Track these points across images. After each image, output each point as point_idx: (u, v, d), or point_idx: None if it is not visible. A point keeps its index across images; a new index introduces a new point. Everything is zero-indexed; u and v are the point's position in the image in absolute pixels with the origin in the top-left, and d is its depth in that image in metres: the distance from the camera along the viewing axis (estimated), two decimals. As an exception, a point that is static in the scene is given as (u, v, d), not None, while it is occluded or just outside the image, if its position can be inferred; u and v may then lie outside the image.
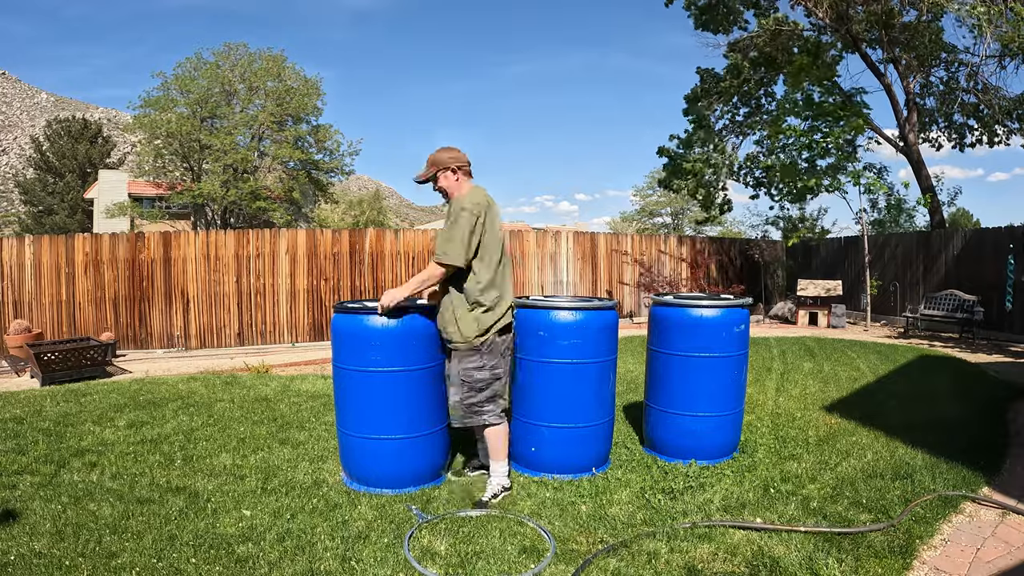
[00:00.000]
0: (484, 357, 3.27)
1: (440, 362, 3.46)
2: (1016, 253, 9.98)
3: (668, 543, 2.79)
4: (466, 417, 3.33)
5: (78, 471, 3.77)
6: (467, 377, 3.28)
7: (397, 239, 11.18)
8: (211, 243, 10.07)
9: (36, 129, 56.61)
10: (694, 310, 3.84)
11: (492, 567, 2.60)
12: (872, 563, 2.62)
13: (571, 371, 3.55)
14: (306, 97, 25.21)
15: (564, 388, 3.57)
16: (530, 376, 3.62)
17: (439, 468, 3.59)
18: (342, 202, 39.50)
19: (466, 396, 3.30)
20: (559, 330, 3.51)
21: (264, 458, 4.02)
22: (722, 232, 34.47)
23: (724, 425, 3.91)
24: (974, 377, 6.81)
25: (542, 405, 3.60)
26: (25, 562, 2.63)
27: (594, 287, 13.07)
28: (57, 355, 6.91)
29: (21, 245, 9.30)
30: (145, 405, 5.49)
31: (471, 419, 3.33)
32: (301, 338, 10.48)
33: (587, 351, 3.55)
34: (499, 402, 3.35)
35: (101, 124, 39.71)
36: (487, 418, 3.32)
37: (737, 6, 14.70)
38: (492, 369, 3.29)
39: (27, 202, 35.19)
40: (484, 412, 3.32)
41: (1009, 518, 3.12)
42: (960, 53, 13.38)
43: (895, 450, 4.09)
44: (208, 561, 2.64)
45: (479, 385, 3.29)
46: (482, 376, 3.28)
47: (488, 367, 3.28)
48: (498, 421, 3.34)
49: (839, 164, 12.21)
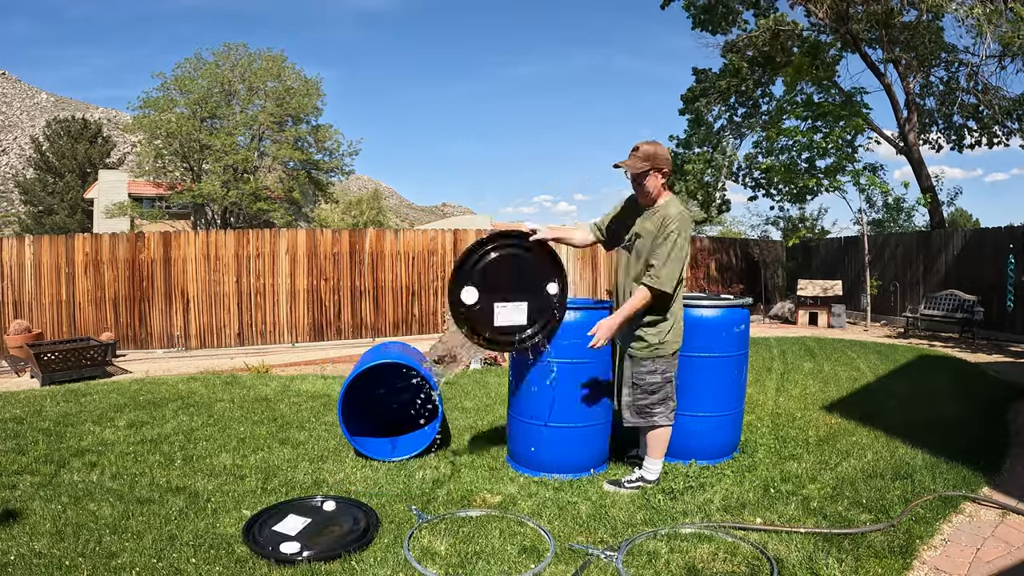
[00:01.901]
0: (657, 362, 3.34)
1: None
2: (1016, 253, 9.98)
3: (668, 543, 2.79)
4: (637, 417, 3.41)
5: (78, 471, 3.77)
6: (640, 380, 3.36)
7: (397, 239, 11.18)
8: (211, 243, 10.07)
9: (36, 129, 56.59)
10: (694, 310, 3.84)
11: (492, 567, 2.59)
12: (872, 563, 2.62)
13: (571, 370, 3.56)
14: (306, 97, 25.19)
15: (566, 389, 3.57)
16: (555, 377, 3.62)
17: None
18: (342, 202, 39.49)
19: (638, 398, 3.39)
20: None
21: (264, 458, 4.02)
22: (722, 232, 34.43)
23: (724, 425, 3.91)
24: (974, 377, 6.81)
25: (548, 405, 3.61)
26: (25, 562, 2.62)
27: (594, 288, 13.07)
28: (57, 355, 6.91)
29: (21, 245, 9.30)
30: (145, 405, 5.48)
31: (641, 420, 3.41)
32: (301, 338, 10.48)
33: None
34: (669, 404, 3.40)
35: (101, 124, 39.72)
36: (657, 419, 3.39)
37: (736, 6, 14.70)
38: (663, 374, 3.36)
39: (27, 202, 35.20)
40: (655, 414, 3.39)
41: (1009, 518, 3.12)
42: (960, 53, 13.38)
43: (895, 450, 4.09)
44: (208, 561, 2.64)
45: (651, 388, 3.36)
46: (654, 380, 3.35)
47: (660, 371, 3.35)
48: (666, 423, 3.40)
49: (839, 164, 12.21)
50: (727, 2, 14.57)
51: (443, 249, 11.45)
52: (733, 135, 16.19)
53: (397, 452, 4.04)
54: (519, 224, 3.42)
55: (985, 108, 13.71)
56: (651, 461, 3.46)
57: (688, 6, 14.94)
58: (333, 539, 2.83)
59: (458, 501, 3.32)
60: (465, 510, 3.18)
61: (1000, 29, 10.59)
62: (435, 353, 3.71)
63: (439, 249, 11.42)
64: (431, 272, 11.35)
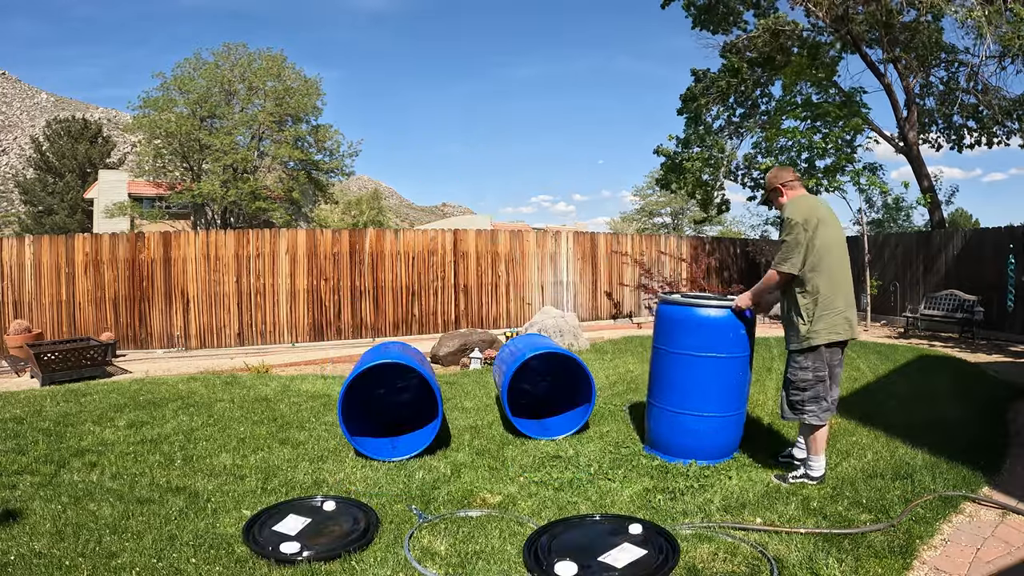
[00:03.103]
0: (809, 359, 3.46)
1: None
2: (1016, 253, 9.98)
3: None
4: (789, 412, 3.57)
5: (78, 471, 3.77)
6: (792, 376, 3.54)
7: (397, 239, 11.17)
8: (211, 243, 10.07)
9: (36, 129, 56.58)
10: (702, 310, 3.84)
11: (492, 567, 2.59)
12: (872, 563, 2.62)
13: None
14: (306, 97, 25.18)
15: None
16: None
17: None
18: (341, 202, 39.48)
19: (791, 393, 3.55)
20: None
21: (264, 458, 4.02)
22: (722, 232, 34.47)
23: (727, 425, 3.92)
24: (974, 377, 6.81)
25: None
26: (25, 562, 2.62)
27: (594, 288, 13.08)
28: (57, 355, 6.91)
29: (21, 245, 9.30)
30: (145, 405, 5.48)
31: (792, 415, 3.55)
32: (301, 338, 10.48)
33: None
34: (821, 403, 3.48)
35: (101, 124, 39.72)
36: (807, 417, 3.48)
37: (736, 6, 14.70)
38: (815, 371, 3.46)
39: (27, 202, 35.19)
40: (805, 411, 3.49)
41: (1009, 518, 3.12)
42: (960, 53, 13.39)
43: (895, 450, 4.09)
44: (208, 561, 2.64)
45: (802, 385, 3.49)
46: (806, 377, 3.47)
47: (811, 369, 3.47)
48: (818, 422, 3.48)
49: (839, 164, 12.21)
50: (727, 2, 14.57)
51: (443, 249, 11.45)
52: (732, 136, 16.19)
53: (397, 452, 4.05)
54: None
55: (985, 108, 13.71)
56: (812, 458, 3.54)
57: (688, 6, 14.94)
58: (333, 539, 2.83)
59: (458, 501, 3.32)
60: (465, 510, 3.18)
61: (1000, 30, 10.58)
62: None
63: (439, 249, 11.42)
64: (431, 272, 11.35)
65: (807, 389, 3.47)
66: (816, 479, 3.50)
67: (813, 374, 3.45)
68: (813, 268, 3.43)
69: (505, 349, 5.26)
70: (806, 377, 3.46)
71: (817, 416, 3.46)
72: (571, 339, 8.64)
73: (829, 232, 3.49)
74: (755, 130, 15.56)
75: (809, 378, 3.46)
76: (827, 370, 3.47)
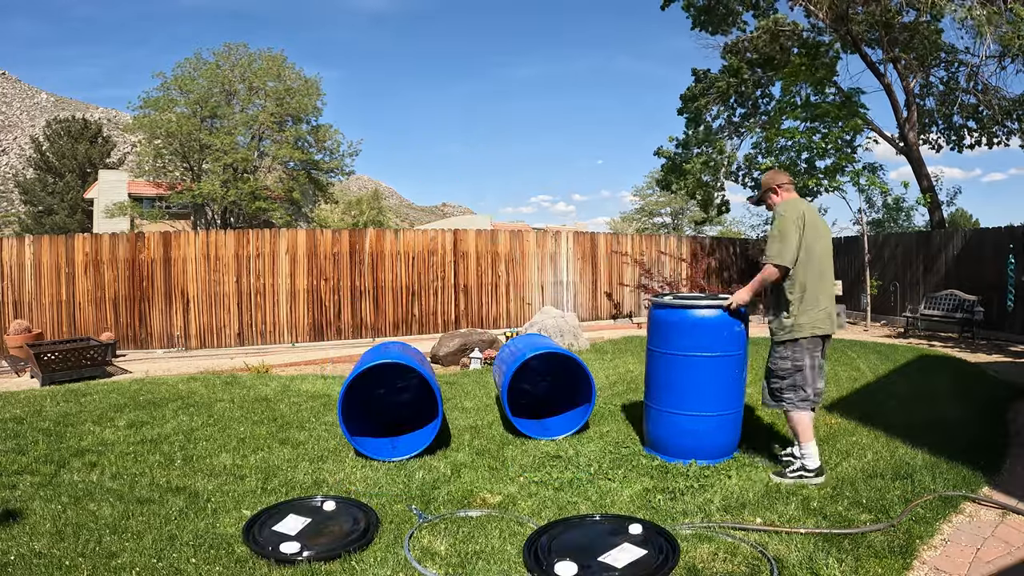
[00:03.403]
0: (789, 350, 3.60)
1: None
2: (1016, 253, 9.98)
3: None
4: (769, 400, 3.72)
5: (78, 471, 3.77)
6: (772, 365, 3.69)
7: (397, 239, 11.18)
8: (211, 243, 10.07)
9: (36, 129, 56.58)
10: (694, 310, 3.85)
11: (492, 567, 2.60)
12: (872, 563, 2.62)
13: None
14: (306, 97, 25.19)
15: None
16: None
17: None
18: (342, 202, 39.48)
19: (771, 382, 3.71)
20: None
21: (264, 458, 4.02)
22: (722, 232, 34.45)
23: (725, 425, 3.92)
24: (974, 377, 6.81)
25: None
26: (25, 562, 2.62)
27: (594, 288, 13.08)
28: (57, 355, 6.91)
29: (21, 245, 9.30)
30: (145, 405, 5.48)
31: (772, 403, 3.70)
32: (301, 338, 10.48)
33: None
34: (799, 392, 3.60)
35: (101, 124, 39.71)
36: (785, 404, 3.63)
37: (736, 7, 14.70)
38: (794, 361, 3.59)
39: (27, 202, 35.19)
40: (783, 399, 3.64)
41: (1009, 518, 3.12)
42: (960, 54, 13.39)
43: (895, 450, 4.09)
44: (208, 561, 2.64)
45: (781, 373, 3.64)
46: (784, 366, 3.62)
47: (791, 359, 3.60)
48: (795, 410, 3.59)
49: (838, 165, 12.21)
50: (726, 3, 14.57)
51: (443, 249, 11.45)
52: (732, 136, 16.20)
53: (397, 452, 4.05)
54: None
55: (985, 108, 13.71)
56: (803, 447, 3.59)
57: (688, 7, 14.94)
58: (333, 539, 2.83)
59: (458, 501, 3.32)
60: (465, 510, 3.18)
61: (1000, 29, 10.58)
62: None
63: (439, 249, 11.42)
64: (431, 272, 11.35)
65: (785, 378, 3.62)
66: (813, 470, 3.54)
67: (792, 363, 3.60)
68: (802, 265, 3.56)
69: (505, 349, 5.26)
70: (785, 366, 3.61)
71: (794, 404, 3.59)
72: (571, 339, 8.64)
73: (818, 235, 3.62)
74: (755, 130, 15.57)
75: (788, 367, 3.60)
76: (807, 361, 3.59)
